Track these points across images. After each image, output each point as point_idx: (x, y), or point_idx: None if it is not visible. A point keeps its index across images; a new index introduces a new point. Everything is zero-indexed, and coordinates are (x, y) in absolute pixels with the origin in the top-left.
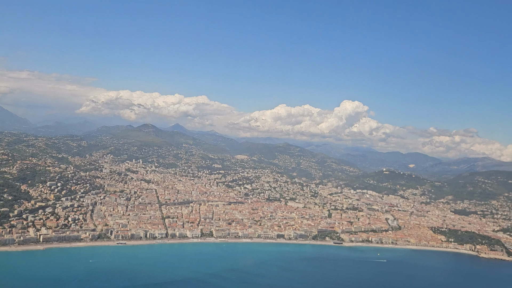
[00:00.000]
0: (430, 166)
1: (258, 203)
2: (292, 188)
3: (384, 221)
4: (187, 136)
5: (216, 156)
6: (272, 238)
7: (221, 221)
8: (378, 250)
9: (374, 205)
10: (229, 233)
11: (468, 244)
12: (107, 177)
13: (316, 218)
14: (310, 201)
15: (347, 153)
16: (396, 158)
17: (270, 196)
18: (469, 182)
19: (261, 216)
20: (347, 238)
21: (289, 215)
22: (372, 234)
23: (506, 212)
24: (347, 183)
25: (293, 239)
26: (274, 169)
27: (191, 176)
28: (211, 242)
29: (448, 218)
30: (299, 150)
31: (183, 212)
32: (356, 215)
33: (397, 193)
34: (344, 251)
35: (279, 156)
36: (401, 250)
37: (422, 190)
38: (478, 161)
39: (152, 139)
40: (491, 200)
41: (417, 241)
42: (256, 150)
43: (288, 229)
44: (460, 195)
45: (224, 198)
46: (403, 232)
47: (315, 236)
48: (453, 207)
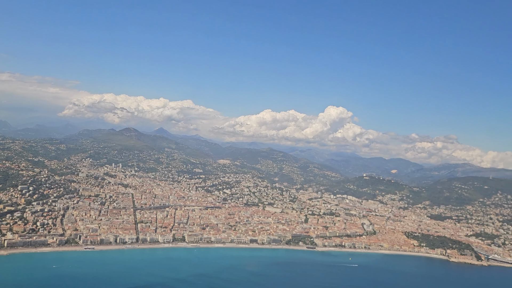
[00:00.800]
0: (412, 172)
1: (235, 208)
2: (272, 193)
3: (360, 226)
4: (170, 141)
5: (197, 161)
6: (245, 243)
7: (195, 226)
8: (351, 255)
9: (352, 210)
10: (202, 238)
11: (439, 248)
12: (83, 181)
13: (292, 223)
14: (288, 206)
15: (331, 158)
16: (379, 163)
17: (248, 201)
18: (446, 188)
19: (237, 221)
20: (321, 243)
21: (265, 220)
22: (346, 239)
23: (480, 217)
24: (327, 188)
25: (267, 244)
26: (255, 174)
27: (171, 181)
28: (182, 247)
29: (423, 223)
30: (282, 155)
31: (158, 216)
32: (333, 220)
33: (376, 198)
34: (316, 256)
35: (262, 161)
36: (374, 255)
37: (401, 196)
38: (458, 167)
39: (134, 143)
40: (466, 205)
41: (390, 245)
42: (239, 155)
43: (262, 234)
44: (437, 200)
45: (201, 203)
46: (377, 237)
47: (289, 241)
48: (430, 212)
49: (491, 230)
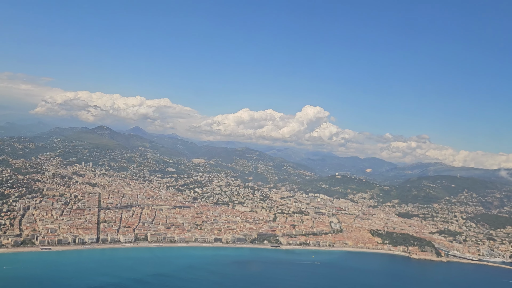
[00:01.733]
0: (386, 171)
1: (204, 207)
2: (243, 192)
3: (328, 225)
4: (144, 139)
5: (171, 160)
6: (210, 242)
7: (160, 226)
8: (315, 252)
9: (323, 208)
10: (165, 238)
11: (401, 246)
12: (48, 180)
13: (260, 222)
14: (258, 205)
15: (308, 157)
16: (355, 162)
17: (219, 200)
18: (415, 186)
19: (204, 220)
20: (285, 241)
21: (233, 219)
22: (312, 237)
23: (445, 215)
24: (300, 187)
25: (231, 243)
26: (229, 173)
27: (142, 180)
28: (144, 247)
29: (391, 221)
30: (258, 154)
31: (123, 216)
32: (302, 218)
33: (347, 197)
34: (280, 254)
35: (237, 160)
36: (337, 252)
37: (371, 194)
38: (431, 166)
39: (106, 142)
40: (433, 203)
41: (354, 243)
42: (214, 154)
43: (227, 233)
44: (405, 198)
45: (170, 202)
46: (342, 235)
47: (254, 239)
48: (398, 210)
49: (454, 227)
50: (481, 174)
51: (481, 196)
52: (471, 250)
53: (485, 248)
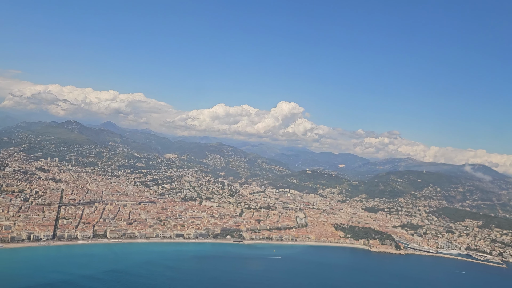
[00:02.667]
0: (358, 166)
1: (171, 202)
2: (212, 188)
3: (293, 219)
4: (115, 134)
5: (141, 155)
6: (171, 237)
7: (122, 222)
8: (278, 247)
9: (291, 203)
10: (125, 234)
11: (363, 239)
12: (8, 176)
13: (225, 217)
14: (226, 200)
15: (282, 153)
16: (328, 158)
17: (186, 195)
18: (383, 181)
19: (169, 215)
20: (248, 236)
21: (198, 215)
22: (275, 232)
23: (409, 209)
24: (271, 182)
25: (193, 239)
26: (201, 168)
27: (110, 175)
28: (102, 243)
29: (356, 215)
30: (232, 150)
31: (84, 212)
32: (268, 213)
33: (317, 192)
34: (242, 249)
35: (209, 155)
36: (299, 247)
37: (340, 189)
38: (402, 161)
39: (75, 137)
40: (399, 198)
41: (317, 237)
42: (187, 149)
43: (190, 228)
44: (372, 193)
45: (136, 198)
46: (306, 229)
47: (217, 235)
48: (365, 205)
49: (417, 221)
50: (449, 169)
51: (445, 191)
52: (430, 243)
53: (443, 241)
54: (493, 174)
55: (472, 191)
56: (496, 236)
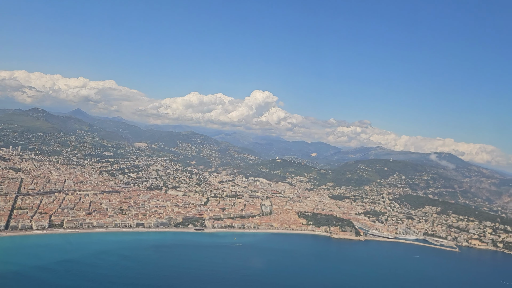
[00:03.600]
0: (330, 155)
1: (135, 191)
2: (180, 177)
3: (259, 208)
4: (84, 122)
5: (110, 144)
6: (131, 227)
7: (81, 211)
8: (240, 235)
9: (259, 192)
10: (83, 224)
11: (324, 226)
12: None
13: (190, 206)
14: (192, 189)
15: (256, 142)
16: (301, 147)
17: (153, 184)
18: (351, 170)
19: (131, 205)
20: (210, 224)
21: (162, 204)
22: (238, 220)
23: (374, 196)
24: (241, 171)
25: (154, 228)
26: (170, 157)
27: (75, 165)
28: (58, 234)
29: (322, 203)
30: (203, 139)
31: (43, 202)
32: (234, 202)
33: (286, 180)
34: (202, 237)
35: (181, 144)
36: (261, 234)
37: (309, 177)
38: (372, 150)
39: (40, 125)
40: (365, 185)
41: (280, 225)
42: (158, 138)
43: (151, 217)
44: (339, 181)
45: (99, 187)
46: (270, 217)
47: (178, 223)
48: (332, 193)
49: (380, 208)
50: (417, 158)
51: (409, 179)
52: (390, 229)
53: (402, 227)
54: (458, 162)
55: (435, 179)
56: (453, 221)
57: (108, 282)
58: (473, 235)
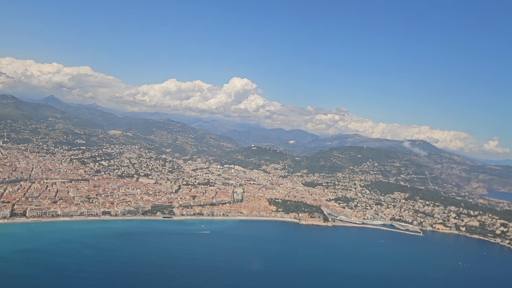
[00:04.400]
0: (308, 142)
1: (105, 179)
2: (153, 165)
3: (230, 195)
4: (56, 110)
5: (82, 131)
6: (97, 215)
7: (46, 200)
8: (208, 222)
9: (232, 179)
10: (46, 212)
11: (293, 212)
12: None
13: (160, 193)
14: (164, 177)
15: (234, 129)
16: (279, 134)
17: (124, 172)
18: (325, 157)
19: (99, 193)
20: (179, 212)
21: (132, 192)
22: (208, 208)
23: (346, 183)
24: (216, 158)
25: (120, 216)
26: (145, 145)
27: (45, 152)
28: (19, 223)
29: (294, 190)
30: (180, 126)
31: (6, 191)
32: (206, 189)
33: (260, 168)
34: (170, 225)
35: (156, 131)
36: (230, 221)
37: (283, 165)
38: (349, 137)
39: (9, 112)
40: (337, 172)
41: (249, 212)
42: (133, 125)
43: (119, 205)
44: (313, 168)
45: (68, 176)
46: (240, 204)
47: (146, 211)
48: (305, 180)
49: (351, 194)
50: (392, 145)
51: (381, 165)
52: (358, 214)
53: (371, 213)
54: (431, 149)
55: (407, 166)
56: (419, 207)
57: (66, 270)
58: (438, 220)
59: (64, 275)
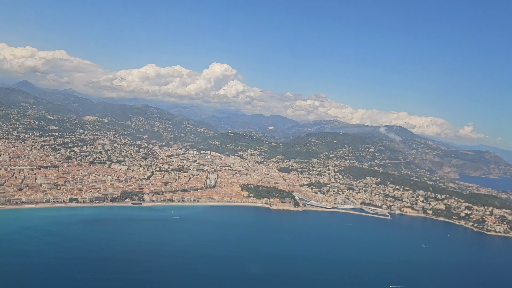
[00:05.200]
0: (287, 128)
1: (76, 166)
2: (127, 151)
3: (203, 181)
4: (29, 95)
5: (56, 117)
6: (64, 202)
7: (11, 187)
8: (178, 208)
9: (208, 165)
10: (11, 200)
11: (264, 198)
12: None
13: (131, 180)
14: (137, 163)
15: (214, 115)
16: (259, 120)
17: (96, 159)
18: (301, 143)
19: (68, 180)
20: (149, 198)
21: (102, 178)
22: (179, 194)
23: (320, 168)
24: (193, 144)
25: (88, 202)
26: (120, 131)
27: (14, 139)
28: None
29: (269, 176)
30: (158, 112)
31: None
32: (179, 175)
33: (237, 154)
34: (139, 211)
35: (133, 117)
36: (201, 207)
37: (260, 151)
38: (328, 123)
39: None
40: (313, 158)
41: (221, 198)
42: (110, 111)
43: (87, 192)
44: (289, 154)
45: (37, 163)
46: (212, 190)
47: (115, 198)
48: (280, 165)
49: (325, 179)
50: (369, 131)
51: (356, 151)
52: (329, 199)
53: (342, 197)
54: (407, 135)
55: (381, 151)
56: (390, 191)
57: (26, 257)
58: (406, 204)
59: (24, 261)
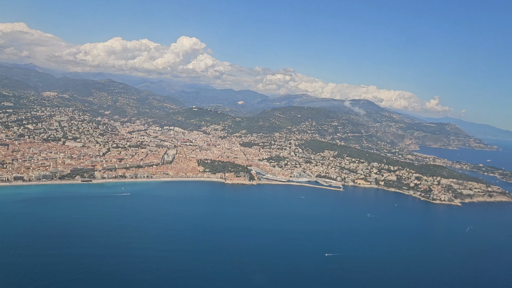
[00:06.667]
0: (257, 103)
1: (27, 144)
2: (84, 127)
3: (160, 157)
4: None
5: (11, 93)
6: (8, 180)
7: None
8: (130, 184)
9: (169, 141)
10: None
11: (220, 173)
12: None
13: (85, 157)
14: (93, 140)
15: (182, 90)
16: (229, 95)
17: (50, 136)
18: (265, 117)
19: (17, 158)
20: (100, 175)
21: (53, 156)
22: (131, 170)
23: (281, 142)
24: (156, 120)
25: (35, 181)
26: (80, 107)
27: None
28: None
29: (230, 150)
30: (122, 87)
31: None
32: (136, 152)
33: (201, 129)
34: (88, 188)
35: (95, 93)
36: (153, 183)
37: (224, 126)
38: (297, 97)
39: None
40: (275, 132)
41: (175, 173)
42: (72, 86)
43: (35, 170)
44: (252, 129)
45: None
46: (168, 166)
47: (64, 175)
48: (243, 140)
49: (285, 153)
50: (336, 105)
51: (319, 125)
52: (286, 172)
53: (298, 170)
54: (374, 108)
55: (344, 125)
56: (346, 164)
57: None
58: (360, 176)
59: None
